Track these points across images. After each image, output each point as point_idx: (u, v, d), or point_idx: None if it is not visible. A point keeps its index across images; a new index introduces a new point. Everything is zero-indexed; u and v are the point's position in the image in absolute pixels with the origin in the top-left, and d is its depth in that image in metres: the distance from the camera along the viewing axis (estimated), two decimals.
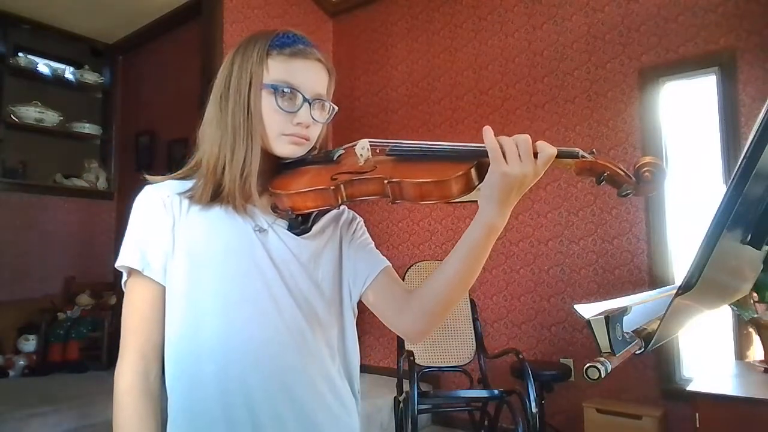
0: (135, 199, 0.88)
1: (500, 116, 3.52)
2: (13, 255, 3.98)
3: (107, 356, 3.74)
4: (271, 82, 0.85)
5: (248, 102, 0.84)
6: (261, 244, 0.87)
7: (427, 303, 0.86)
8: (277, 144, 0.86)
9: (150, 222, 0.85)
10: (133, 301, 0.85)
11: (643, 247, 2.93)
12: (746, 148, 0.52)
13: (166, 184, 0.89)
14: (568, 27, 3.27)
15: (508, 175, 0.73)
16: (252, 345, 0.83)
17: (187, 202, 0.86)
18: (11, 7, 3.95)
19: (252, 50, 0.86)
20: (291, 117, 0.85)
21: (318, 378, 0.87)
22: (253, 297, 0.85)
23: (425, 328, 0.89)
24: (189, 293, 0.83)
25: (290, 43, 0.86)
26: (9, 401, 2.74)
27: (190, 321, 0.83)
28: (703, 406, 1.82)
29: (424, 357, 2.96)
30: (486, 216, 0.77)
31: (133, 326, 0.84)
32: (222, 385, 0.82)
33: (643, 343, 0.62)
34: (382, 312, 0.93)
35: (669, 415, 2.72)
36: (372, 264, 0.95)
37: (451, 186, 0.76)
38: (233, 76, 0.86)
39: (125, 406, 0.81)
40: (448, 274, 0.83)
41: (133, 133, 4.58)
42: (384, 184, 0.79)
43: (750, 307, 2.10)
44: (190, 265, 0.84)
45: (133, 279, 0.85)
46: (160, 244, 0.84)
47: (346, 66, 4.26)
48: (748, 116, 2.66)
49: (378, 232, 3.97)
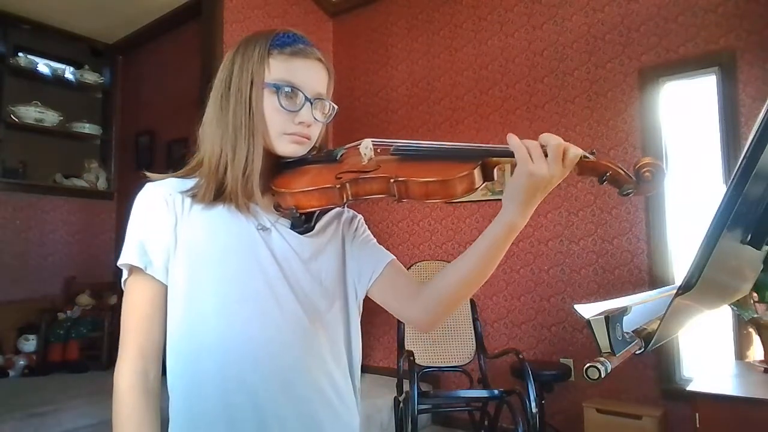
0: (136, 197, 0.87)
1: (500, 116, 3.52)
2: (13, 255, 3.98)
3: (107, 356, 3.74)
4: (272, 81, 0.85)
5: (250, 101, 0.84)
6: (264, 243, 0.87)
7: (440, 294, 0.88)
8: (279, 143, 0.87)
9: (152, 220, 0.84)
10: (134, 299, 0.84)
11: (643, 247, 2.93)
12: (746, 148, 0.52)
13: (168, 182, 0.88)
14: (568, 27, 3.27)
15: (534, 175, 0.73)
16: (253, 344, 0.83)
17: (189, 200, 0.86)
18: (11, 7, 3.95)
19: (253, 50, 0.86)
20: (293, 116, 0.85)
21: (320, 376, 0.87)
22: (255, 296, 0.84)
23: (436, 318, 0.91)
24: (190, 292, 0.83)
25: (291, 42, 0.86)
26: (9, 401, 2.74)
27: (192, 320, 0.83)
28: (703, 406, 1.82)
29: (424, 357, 2.96)
30: (508, 215, 0.79)
31: (133, 325, 0.83)
32: (224, 385, 0.82)
33: (643, 343, 0.62)
34: (391, 303, 0.94)
35: (669, 415, 2.72)
36: (377, 259, 0.95)
37: (455, 185, 0.78)
38: (234, 75, 0.86)
39: (125, 405, 0.80)
40: (465, 268, 0.84)
41: (133, 133, 4.58)
42: (390, 183, 0.80)
43: (750, 307, 2.10)
44: (191, 263, 0.84)
45: (134, 277, 0.84)
46: (162, 242, 0.84)
47: (346, 66, 4.26)
48: (748, 116, 2.66)
49: (378, 232, 3.97)
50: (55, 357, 3.60)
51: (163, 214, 0.84)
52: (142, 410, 0.80)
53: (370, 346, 3.92)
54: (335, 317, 0.92)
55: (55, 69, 4.34)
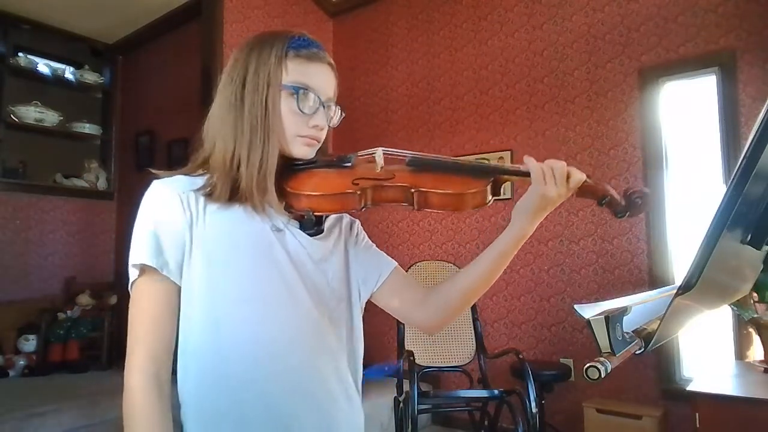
0: (146, 193, 0.84)
1: (500, 116, 3.52)
2: (13, 255, 3.98)
3: (107, 356, 3.75)
4: (290, 83, 0.86)
5: (266, 102, 0.85)
6: (279, 244, 0.87)
7: (449, 300, 0.94)
8: (293, 145, 0.88)
9: (167, 218, 0.82)
10: (145, 300, 0.82)
11: (643, 247, 2.93)
12: (746, 148, 0.52)
13: (178, 179, 0.87)
14: (568, 27, 3.27)
15: (546, 196, 0.82)
16: (275, 344, 0.84)
17: (203, 199, 0.84)
18: (11, 7, 3.95)
19: (270, 50, 0.86)
20: (307, 119, 0.87)
21: (332, 375, 0.89)
22: (273, 296, 0.85)
23: (444, 321, 0.97)
24: (208, 292, 0.82)
25: (307, 45, 0.88)
26: (9, 401, 2.74)
27: (211, 321, 0.82)
28: (703, 406, 1.82)
29: (424, 357, 2.96)
30: (518, 227, 0.87)
31: (144, 327, 0.81)
32: (244, 385, 0.82)
33: (643, 343, 0.62)
34: (396, 307, 0.99)
35: (669, 415, 2.72)
36: (382, 264, 1.00)
37: (469, 199, 0.85)
38: (250, 74, 0.86)
39: (139, 408, 0.79)
40: (476, 274, 0.91)
41: (133, 133, 4.58)
42: (409, 192, 0.86)
43: (750, 307, 2.10)
44: (208, 263, 0.82)
45: (146, 277, 0.82)
46: (178, 242, 0.82)
47: (346, 66, 4.26)
48: (748, 116, 2.66)
49: (378, 232, 3.98)
50: (55, 357, 3.60)
51: (177, 213, 0.82)
52: (156, 413, 0.79)
53: (370, 346, 3.90)
54: (342, 317, 0.94)
55: (55, 69, 4.33)
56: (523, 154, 2.78)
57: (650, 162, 2.94)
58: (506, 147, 3.47)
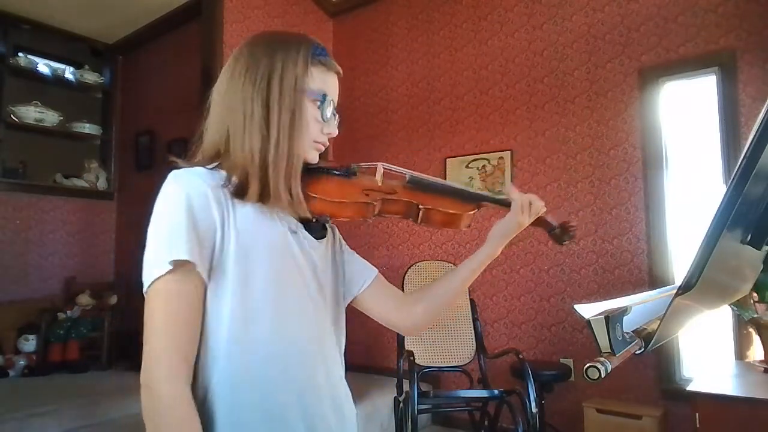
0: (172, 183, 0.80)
1: (500, 116, 3.52)
2: (13, 255, 3.98)
3: (107, 356, 3.75)
4: (315, 91, 0.88)
5: (295, 106, 0.86)
6: (297, 245, 0.89)
7: (431, 306, 1.03)
8: (309, 150, 0.90)
9: (203, 212, 0.79)
10: (176, 300, 0.77)
11: (643, 247, 2.93)
12: (746, 148, 0.52)
13: (202, 172, 0.83)
14: (568, 27, 3.27)
15: (521, 224, 0.98)
16: (301, 344, 0.86)
17: (230, 196, 0.83)
18: (11, 7, 3.95)
19: (296, 54, 0.87)
20: (322, 126, 0.90)
21: (337, 371, 0.94)
22: (298, 296, 0.88)
23: (425, 324, 1.05)
24: (238, 290, 0.81)
25: (326, 54, 0.91)
26: (9, 401, 2.74)
27: (241, 321, 0.81)
28: (703, 406, 1.82)
29: (424, 357, 2.96)
30: (491, 249, 1.00)
31: (176, 329, 0.77)
32: (275, 386, 0.82)
33: (643, 343, 0.62)
34: (375, 311, 1.05)
35: (669, 415, 2.72)
36: (366, 270, 1.05)
37: (463, 220, 0.98)
38: (276, 76, 0.85)
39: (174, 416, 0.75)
40: (450, 286, 1.03)
41: (133, 133, 4.58)
42: (417, 208, 0.95)
43: (750, 307, 2.10)
44: (238, 261, 0.81)
45: (177, 275, 0.76)
46: (211, 237, 0.80)
47: (346, 66, 4.20)
48: (748, 116, 2.66)
49: (378, 233, 3.97)
50: (55, 357, 3.60)
51: (213, 207, 0.80)
52: (192, 419, 0.76)
53: (370, 347, 3.92)
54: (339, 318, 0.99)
55: (55, 69, 4.34)
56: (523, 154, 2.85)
57: (650, 162, 2.94)
58: (506, 147, 3.47)
